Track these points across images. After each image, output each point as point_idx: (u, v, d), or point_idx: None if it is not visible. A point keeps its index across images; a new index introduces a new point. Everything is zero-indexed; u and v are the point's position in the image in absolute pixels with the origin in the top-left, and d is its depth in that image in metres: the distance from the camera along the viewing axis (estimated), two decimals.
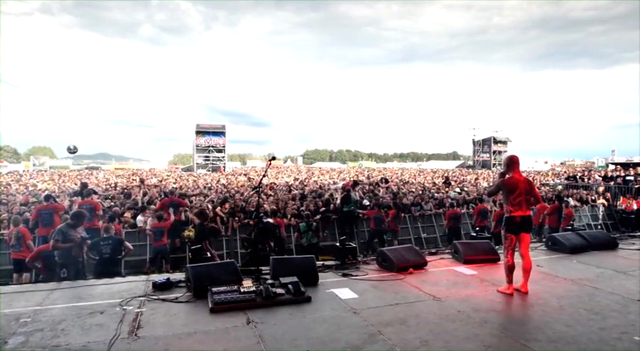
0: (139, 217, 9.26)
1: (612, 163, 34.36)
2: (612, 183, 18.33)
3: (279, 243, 8.06)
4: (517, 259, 4.53)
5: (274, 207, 10.19)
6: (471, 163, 67.40)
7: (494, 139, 63.21)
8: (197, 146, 53.37)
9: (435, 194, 13.99)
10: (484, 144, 64.97)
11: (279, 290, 4.31)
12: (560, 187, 17.41)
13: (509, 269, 4.51)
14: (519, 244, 4.54)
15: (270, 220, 7.94)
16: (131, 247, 6.89)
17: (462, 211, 11.60)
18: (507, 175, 4.56)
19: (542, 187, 18.44)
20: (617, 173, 20.79)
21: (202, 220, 7.34)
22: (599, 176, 21.53)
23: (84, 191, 8.90)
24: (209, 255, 6.83)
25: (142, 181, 15.70)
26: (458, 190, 16.02)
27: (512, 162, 4.62)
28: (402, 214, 11.04)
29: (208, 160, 53.24)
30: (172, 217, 8.77)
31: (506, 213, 4.55)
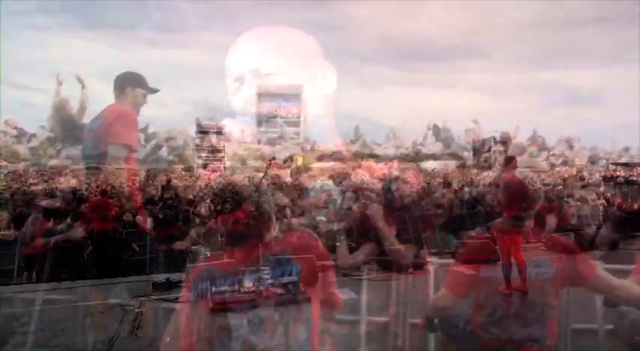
0: (139, 217, 9.24)
1: (612, 163, 34.40)
2: (612, 183, 18.33)
3: None
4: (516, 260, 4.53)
5: None
6: (471, 163, 67.35)
7: (495, 139, 63.16)
8: (197, 146, 53.41)
9: (435, 194, 13.98)
10: (484, 144, 64.94)
11: (279, 290, 4.31)
12: (560, 187, 17.38)
13: (506, 269, 4.50)
14: (511, 245, 4.54)
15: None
16: (136, 248, 6.91)
17: (462, 210, 11.58)
18: (503, 175, 4.58)
19: (543, 187, 18.42)
20: (618, 173, 20.81)
21: None
22: (600, 176, 21.55)
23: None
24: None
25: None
26: (457, 189, 16.01)
27: (509, 163, 4.65)
28: (399, 213, 10.99)
29: (209, 160, 53.24)
30: None
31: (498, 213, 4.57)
